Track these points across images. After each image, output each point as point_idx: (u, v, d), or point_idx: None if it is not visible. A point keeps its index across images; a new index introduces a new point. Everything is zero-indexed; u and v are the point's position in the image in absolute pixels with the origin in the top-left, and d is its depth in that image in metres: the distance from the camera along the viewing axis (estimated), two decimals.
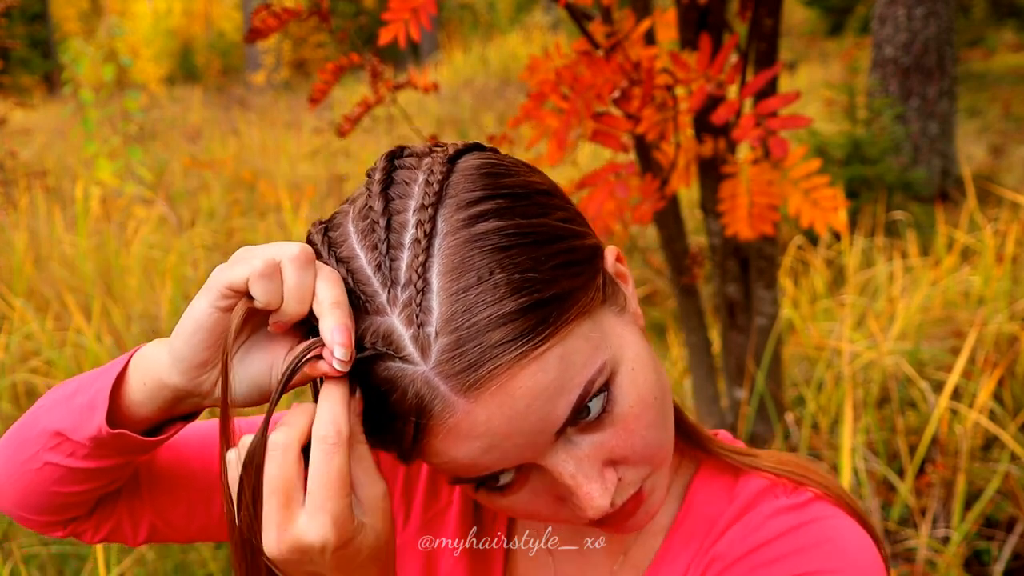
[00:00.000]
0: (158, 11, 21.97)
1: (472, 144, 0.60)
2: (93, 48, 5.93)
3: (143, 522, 0.76)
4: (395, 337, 0.53)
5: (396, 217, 0.55)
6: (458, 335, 0.51)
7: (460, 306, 0.52)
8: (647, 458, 0.59)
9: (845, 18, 12.31)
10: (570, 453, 0.56)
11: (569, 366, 0.54)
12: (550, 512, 0.60)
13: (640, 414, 0.57)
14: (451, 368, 0.52)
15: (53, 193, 6.15)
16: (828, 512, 0.66)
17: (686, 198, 4.54)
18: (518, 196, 0.56)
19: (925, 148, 5.99)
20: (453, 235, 0.53)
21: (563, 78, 1.49)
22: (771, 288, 2.23)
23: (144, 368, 0.61)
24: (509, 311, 0.52)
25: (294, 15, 1.44)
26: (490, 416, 0.53)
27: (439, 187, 0.55)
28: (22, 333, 3.34)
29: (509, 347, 0.51)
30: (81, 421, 0.63)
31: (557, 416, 0.54)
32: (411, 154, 0.59)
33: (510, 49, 13.36)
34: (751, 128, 1.34)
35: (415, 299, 0.52)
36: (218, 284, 0.55)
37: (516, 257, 0.53)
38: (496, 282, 0.52)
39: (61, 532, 0.74)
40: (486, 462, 0.55)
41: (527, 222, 0.55)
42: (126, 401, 0.63)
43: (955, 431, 2.52)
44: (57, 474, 0.66)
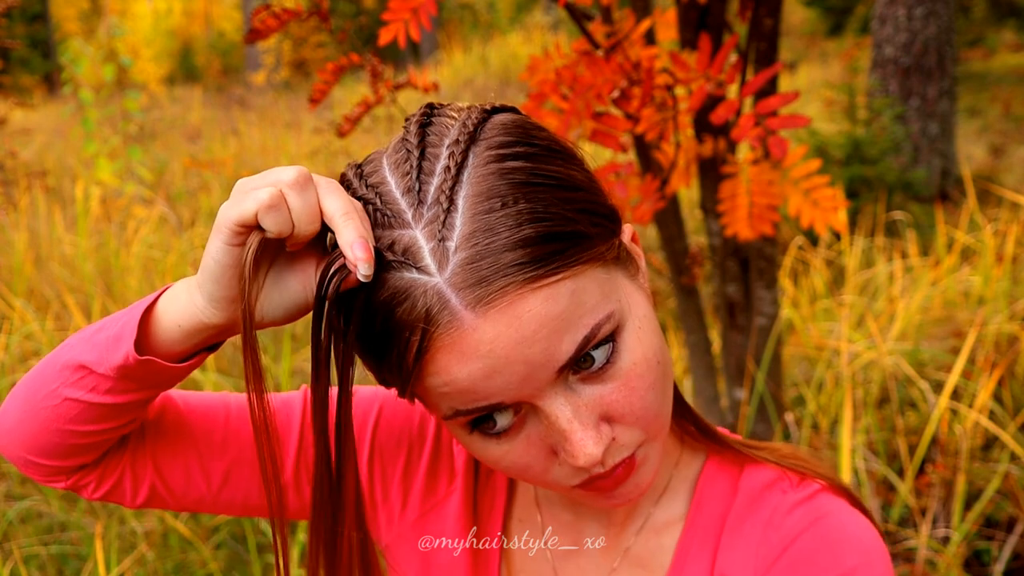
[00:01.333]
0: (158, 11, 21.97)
1: (508, 105, 0.62)
2: (93, 48, 5.93)
3: (144, 481, 0.76)
4: (415, 249, 0.54)
5: (430, 149, 0.58)
6: (476, 250, 0.53)
7: (481, 225, 0.54)
8: (644, 421, 0.60)
9: (845, 18, 12.31)
10: (569, 399, 0.57)
11: (579, 304, 0.55)
12: (540, 468, 0.61)
13: (643, 373, 0.58)
14: (463, 281, 0.53)
15: (53, 193, 6.16)
16: (836, 505, 0.67)
17: (686, 198, 4.54)
18: (548, 148, 0.59)
19: (925, 148, 5.98)
20: (483, 166, 0.56)
21: (563, 78, 1.49)
22: (771, 288, 2.23)
23: (178, 310, 0.62)
24: (528, 236, 0.53)
25: (294, 15, 1.44)
26: (496, 335, 0.53)
27: (474, 128, 0.58)
28: (22, 333, 3.34)
29: (523, 269, 0.53)
30: (107, 352, 0.64)
31: (562, 352, 0.55)
32: (450, 107, 0.62)
33: (510, 49, 13.36)
34: (750, 127, 1.34)
35: (440, 216, 0.54)
36: (228, 223, 0.56)
37: (541, 193, 0.55)
38: (520, 209, 0.54)
39: (64, 482, 0.74)
40: (485, 388, 0.55)
41: (554, 168, 0.57)
42: (156, 337, 0.63)
43: (955, 431, 2.52)
44: (76, 410, 0.67)
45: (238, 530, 2.46)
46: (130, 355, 0.62)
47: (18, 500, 2.58)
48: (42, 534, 2.47)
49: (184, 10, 22.47)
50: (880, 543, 0.65)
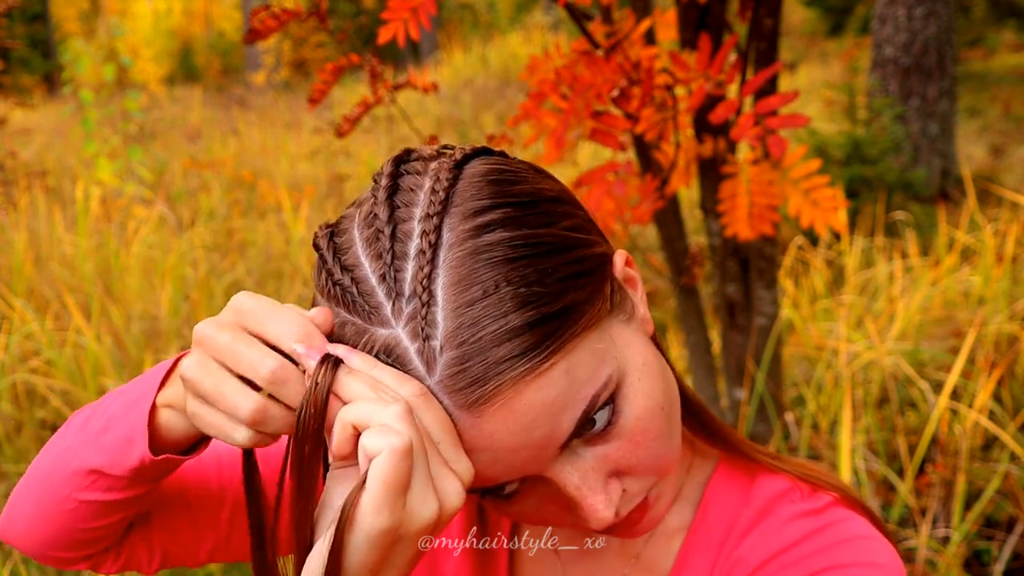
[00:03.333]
0: (158, 11, 21.97)
1: (480, 148, 0.59)
2: (93, 48, 5.93)
3: (157, 549, 0.76)
4: (400, 350, 0.52)
5: (401, 226, 0.54)
6: (463, 350, 0.51)
7: (466, 320, 0.51)
8: (652, 468, 0.59)
9: (845, 18, 12.31)
10: (575, 465, 0.56)
11: (574, 380, 0.53)
12: (557, 519, 0.60)
13: (646, 426, 0.57)
14: (456, 383, 0.51)
15: (53, 193, 6.16)
16: (847, 516, 0.66)
17: (686, 198, 4.54)
18: (525, 204, 0.55)
19: (925, 148, 5.98)
20: (459, 246, 0.52)
21: (563, 78, 1.49)
22: (771, 288, 2.23)
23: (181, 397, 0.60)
24: (515, 326, 0.51)
25: (293, 16, 1.44)
26: (494, 431, 0.52)
27: (445, 195, 0.54)
28: (22, 333, 3.34)
29: (515, 363, 0.51)
30: (119, 456, 0.63)
31: (562, 431, 0.53)
32: (418, 158, 0.58)
33: (510, 49, 13.36)
34: (750, 127, 1.34)
35: (420, 312, 0.51)
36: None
37: (523, 270, 0.52)
38: (502, 296, 0.51)
39: (85, 565, 0.74)
40: (490, 474, 0.55)
41: (534, 232, 0.54)
42: (165, 434, 0.63)
43: (955, 431, 2.52)
44: (92, 510, 0.67)
45: None
46: (146, 457, 0.62)
47: None
48: None
49: (184, 10, 22.47)
50: (892, 554, 0.64)
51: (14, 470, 2.73)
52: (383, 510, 0.49)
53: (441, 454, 0.52)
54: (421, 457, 0.50)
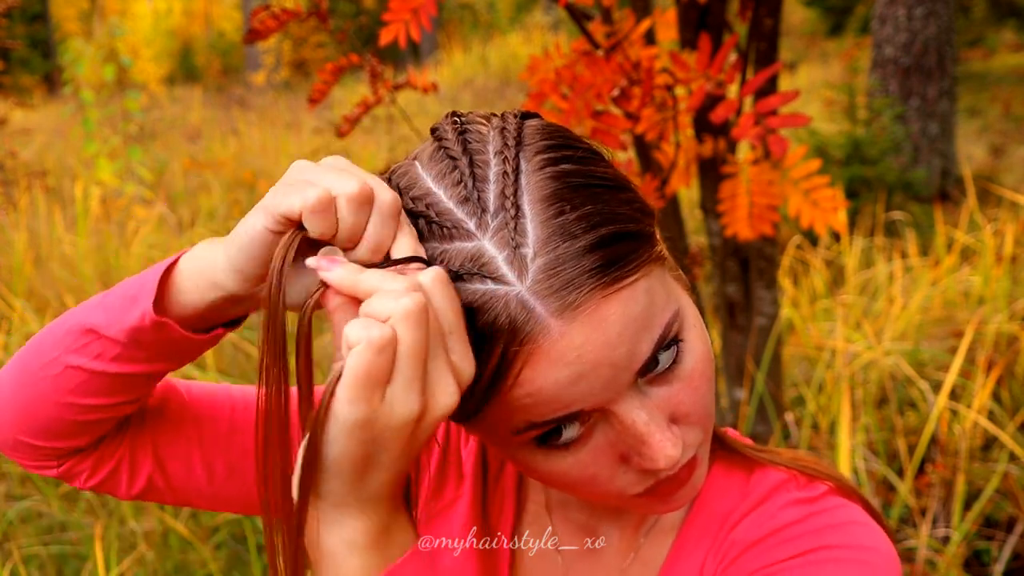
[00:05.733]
0: (158, 11, 21.97)
1: (532, 111, 0.61)
2: (93, 48, 5.93)
3: (142, 471, 0.72)
4: (487, 259, 0.52)
5: (477, 156, 0.55)
6: (555, 255, 0.52)
7: (556, 229, 0.52)
8: (704, 419, 0.60)
9: (845, 18, 12.31)
10: (642, 402, 0.57)
11: (653, 302, 0.55)
12: (606, 477, 0.60)
13: (704, 370, 0.59)
14: (547, 288, 0.52)
15: (53, 193, 6.16)
16: (842, 503, 0.67)
17: (686, 198, 4.53)
18: (590, 150, 0.58)
19: (925, 148, 5.99)
20: (539, 171, 0.54)
21: (563, 78, 1.49)
22: (771, 288, 2.23)
23: (197, 268, 0.59)
24: (603, 237, 0.53)
25: (293, 16, 1.44)
26: (584, 340, 0.53)
27: (516, 134, 0.56)
28: (22, 333, 3.35)
29: (605, 272, 0.52)
30: (120, 313, 0.60)
31: (642, 352, 0.55)
32: (475, 115, 0.60)
33: (510, 49, 13.37)
34: (750, 126, 1.34)
35: (509, 224, 0.52)
36: (273, 209, 0.53)
37: (602, 195, 0.54)
38: (588, 212, 0.53)
39: (55, 468, 0.70)
40: (568, 396, 0.54)
41: (603, 170, 0.57)
42: (173, 298, 0.60)
43: (954, 431, 2.52)
44: (77, 380, 0.63)
45: (238, 530, 2.46)
46: (147, 315, 0.59)
47: (18, 500, 2.58)
48: (42, 534, 2.47)
49: (184, 10, 22.47)
50: (887, 541, 0.64)
51: (14, 470, 2.73)
52: (357, 402, 0.48)
53: (446, 350, 0.51)
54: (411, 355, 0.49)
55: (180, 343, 0.61)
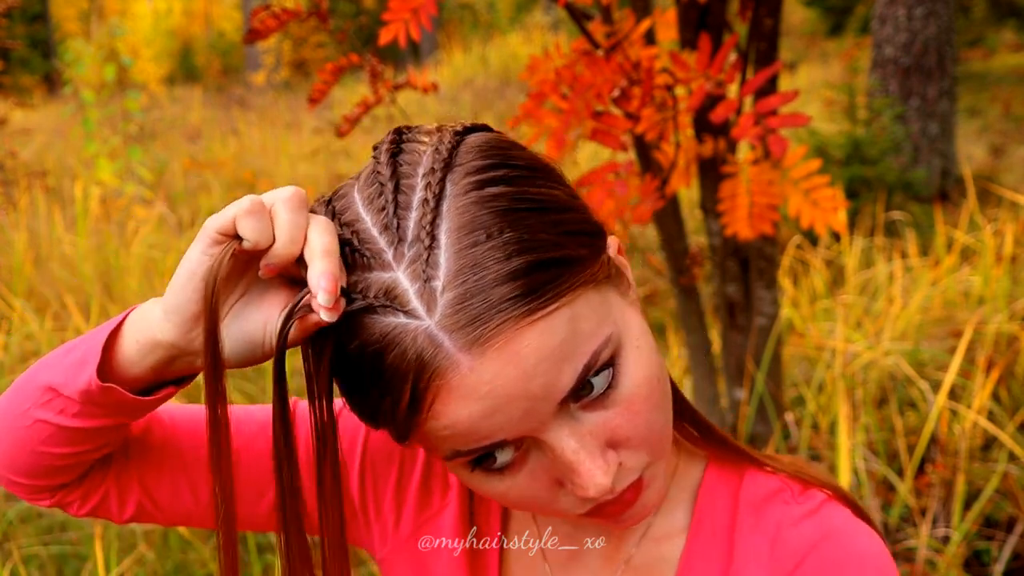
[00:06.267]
0: (158, 11, 21.97)
1: (480, 124, 0.60)
2: (93, 48, 5.93)
3: (130, 498, 0.74)
4: (399, 291, 0.52)
5: (404, 181, 0.55)
6: (465, 288, 0.51)
7: (468, 261, 0.51)
8: (649, 443, 0.58)
9: (845, 18, 12.31)
10: (573, 429, 0.55)
11: (576, 332, 0.53)
12: (546, 499, 0.59)
13: (645, 394, 0.57)
14: (456, 322, 0.51)
15: (53, 193, 6.16)
16: (842, 517, 0.66)
17: (686, 198, 4.54)
18: (527, 168, 0.56)
19: (925, 148, 5.99)
20: (463, 195, 0.53)
21: (563, 78, 1.49)
22: (771, 288, 2.23)
23: (138, 325, 0.60)
24: (518, 267, 0.51)
25: (293, 16, 1.44)
26: (496, 374, 0.51)
27: (448, 155, 0.55)
28: (22, 333, 3.35)
29: (517, 303, 0.51)
30: (73, 375, 0.62)
31: (563, 383, 0.53)
32: (419, 131, 0.59)
33: (510, 49, 13.36)
34: (750, 126, 1.34)
35: (422, 255, 0.52)
36: (208, 229, 0.54)
37: (526, 219, 0.53)
38: (506, 240, 0.51)
39: (48, 500, 0.72)
40: (487, 428, 0.53)
41: (536, 190, 0.55)
42: (119, 358, 0.61)
43: (954, 431, 2.52)
44: (46, 432, 0.64)
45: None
46: (92, 381, 0.60)
47: (18, 500, 2.58)
48: (42, 534, 2.47)
49: (184, 10, 22.47)
50: (887, 557, 0.65)
51: None
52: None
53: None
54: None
55: (130, 403, 0.62)
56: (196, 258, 0.54)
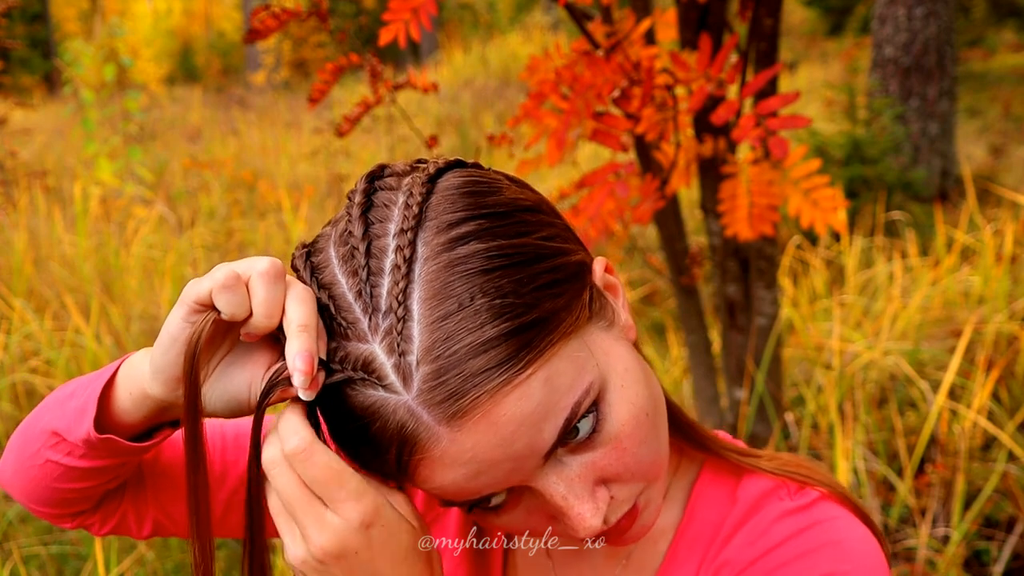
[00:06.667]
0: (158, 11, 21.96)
1: (454, 161, 0.59)
2: (93, 48, 5.93)
3: (147, 517, 0.78)
4: (376, 365, 0.52)
5: (376, 242, 0.54)
6: (439, 364, 0.51)
7: (441, 334, 0.51)
8: (640, 475, 0.58)
9: (845, 18, 12.31)
10: (560, 475, 0.56)
11: (554, 390, 0.53)
12: (543, 531, 0.60)
13: (632, 432, 0.57)
14: (433, 397, 0.51)
15: (53, 193, 6.15)
16: (833, 513, 0.66)
17: (686, 198, 4.54)
18: (500, 215, 0.55)
19: (925, 148, 5.98)
20: (434, 260, 0.52)
21: (563, 78, 1.49)
22: (771, 288, 2.23)
23: (129, 378, 0.62)
24: (490, 337, 0.51)
25: (293, 16, 1.44)
26: (476, 443, 0.52)
27: (419, 209, 0.54)
28: (22, 333, 3.34)
29: (491, 374, 0.51)
30: (74, 423, 0.65)
31: (544, 441, 0.53)
32: (391, 174, 0.59)
33: (510, 49, 13.36)
34: (751, 128, 1.34)
35: (396, 327, 0.52)
36: (187, 298, 0.55)
37: (497, 280, 0.52)
38: (477, 308, 0.51)
39: (70, 524, 0.76)
40: (474, 487, 0.55)
41: (509, 243, 0.54)
42: (114, 407, 0.64)
43: (954, 431, 2.52)
44: (57, 471, 0.68)
45: None
46: (90, 432, 0.63)
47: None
48: (42, 534, 2.46)
49: (184, 10, 22.46)
50: (878, 553, 0.64)
51: None
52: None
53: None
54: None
55: (130, 450, 0.65)
56: (177, 324, 0.56)
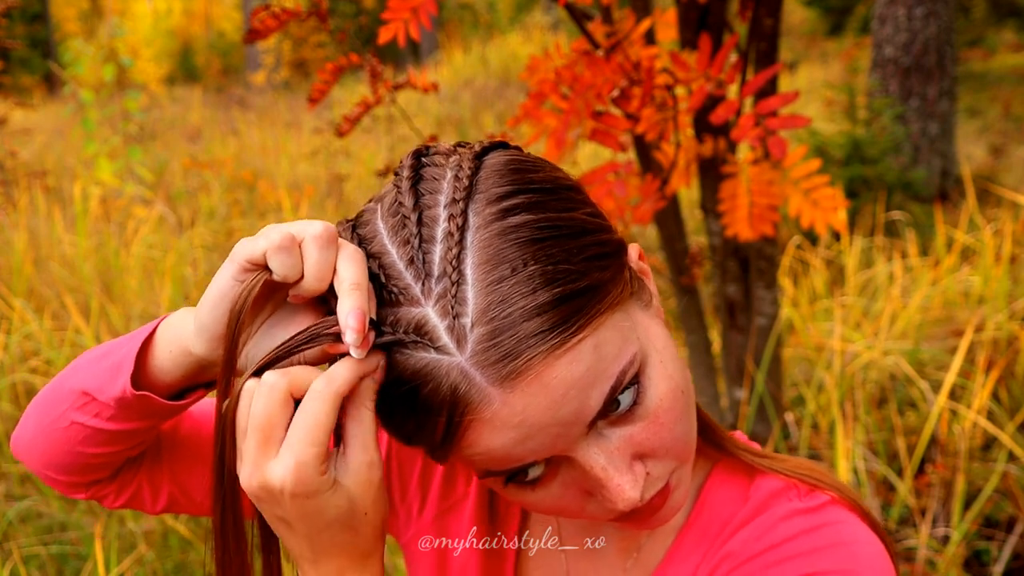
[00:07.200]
0: (158, 11, 21.96)
1: (497, 142, 0.61)
2: (93, 48, 5.93)
3: (162, 490, 0.78)
4: (429, 328, 0.53)
5: (427, 212, 0.55)
6: (494, 325, 0.52)
7: (495, 297, 0.52)
8: (674, 451, 0.60)
9: (845, 18, 12.31)
10: (601, 446, 0.57)
11: (602, 357, 0.54)
12: (577, 507, 0.61)
13: (669, 407, 0.58)
14: (487, 358, 0.52)
15: (53, 193, 6.15)
16: (842, 516, 0.66)
17: (686, 198, 4.54)
18: (547, 191, 0.56)
19: (925, 148, 5.98)
20: (485, 228, 0.54)
21: (563, 78, 1.49)
22: (771, 288, 2.23)
23: (170, 335, 0.63)
24: (544, 301, 0.52)
25: (293, 16, 1.44)
26: (527, 405, 0.53)
27: (468, 182, 0.55)
28: (22, 333, 3.34)
29: (545, 337, 0.52)
30: (107, 382, 0.64)
31: (590, 407, 0.55)
32: (436, 152, 0.60)
33: (510, 49, 13.36)
34: (750, 128, 1.34)
35: (450, 291, 0.53)
36: (239, 256, 0.56)
37: (549, 249, 0.53)
38: (530, 273, 0.52)
39: (84, 494, 0.76)
40: (519, 453, 0.55)
41: (557, 216, 0.55)
42: (152, 365, 0.64)
43: (954, 431, 2.52)
44: (83, 434, 0.68)
45: None
46: (127, 390, 0.63)
47: (18, 500, 2.58)
48: (42, 534, 2.46)
49: (184, 10, 22.46)
50: (885, 559, 0.64)
51: (14, 470, 2.73)
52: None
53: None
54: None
55: (164, 408, 0.65)
56: (227, 282, 0.56)
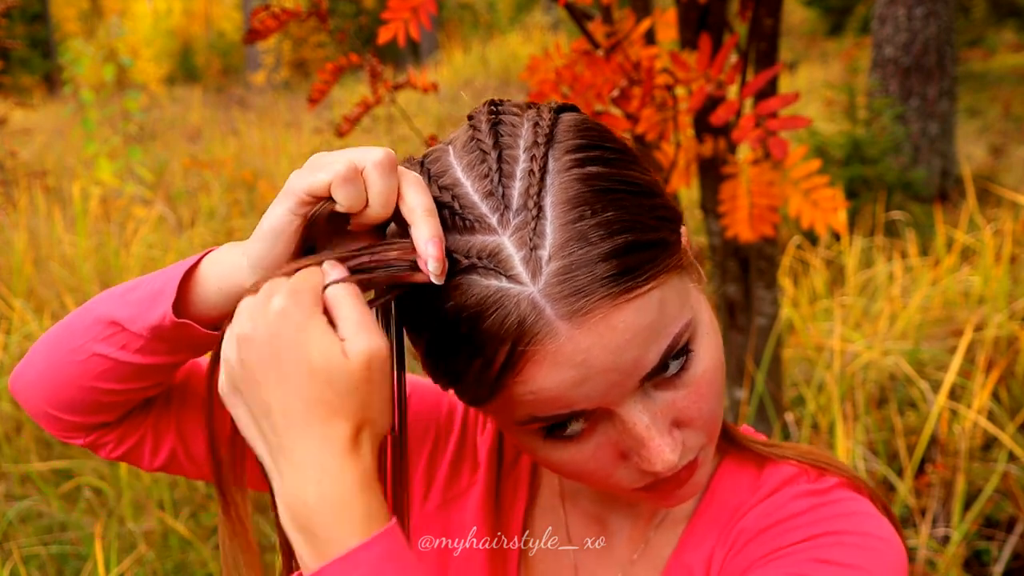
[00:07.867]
0: (158, 11, 21.96)
1: (570, 104, 0.62)
2: (93, 48, 5.93)
3: (164, 445, 0.75)
4: (504, 256, 0.53)
5: (507, 151, 0.56)
6: (570, 260, 0.52)
7: (574, 234, 0.53)
8: (708, 424, 0.61)
9: (845, 18, 12.31)
10: (646, 406, 0.58)
11: (664, 313, 0.55)
12: (606, 472, 0.61)
13: (711, 379, 0.59)
14: (560, 291, 0.52)
15: (53, 193, 6.15)
16: (851, 496, 0.67)
17: (686, 198, 4.54)
18: (620, 151, 0.58)
19: (925, 148, 5.98)
20: (565, 172, 0.55)
21: (563, 78, 1.49)
22: (771, 288, 2.23)
23: (220, 271, 0.62)
24: (619, 245, 0.53)
25: (293, 16, 1.44)
26: (591, 345, 0.53)
27: (548, 130, 0.57)
28: (22, 333, 3.34)
29: (617, 280, 0.53)
30: (143, 311, 0.63)
31: (648, 360, 0.55)
32: (511, 105, 0.61)
33: (510, 49, 13.35)
34: (751, 129, 1.34)
35: (529, 223, 0.53)
36: (296, 189, 0.55)
37: (624, 200, 0.55)
38: (608, 218, 0.53)
39: (84, 439, 0.73)
40: (572, 396, 0.55)
41: (630, 174, 0.57)
42: (195, 298, 0.63)
43: (954, 431, 2.52)
44: (102, 367, 0.66)
45: None
46: (167, 315, 0.62)
47: (18, 500, 2.58)
48: (42, 534, 2.46)
49: (184, 10, 22.46)
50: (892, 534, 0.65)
51: (14, 470, 2.73)
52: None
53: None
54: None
55: (200, 339, 0.64)
56: (284, 217, 0.55)
